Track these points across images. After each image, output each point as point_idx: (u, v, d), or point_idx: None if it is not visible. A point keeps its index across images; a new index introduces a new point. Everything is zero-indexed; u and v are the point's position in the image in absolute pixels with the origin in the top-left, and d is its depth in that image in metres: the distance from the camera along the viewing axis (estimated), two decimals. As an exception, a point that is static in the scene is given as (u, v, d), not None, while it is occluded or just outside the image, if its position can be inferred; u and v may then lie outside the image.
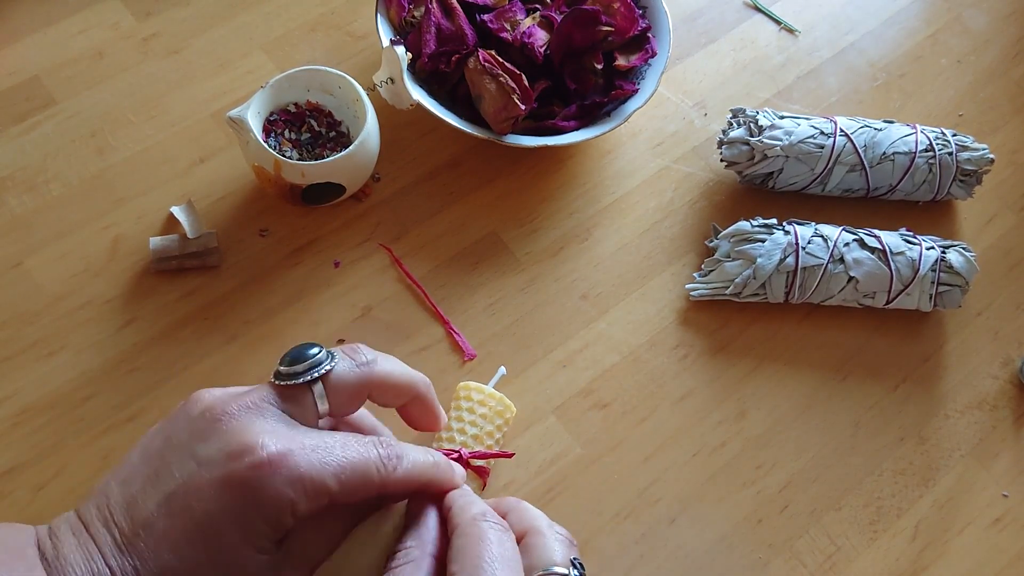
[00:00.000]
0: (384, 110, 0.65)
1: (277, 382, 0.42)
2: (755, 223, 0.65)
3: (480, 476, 0.55)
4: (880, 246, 0.63)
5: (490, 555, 0.39)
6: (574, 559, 0.42)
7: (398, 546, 0.41)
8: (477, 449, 0.53)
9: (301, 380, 0.42)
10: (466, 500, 0.43)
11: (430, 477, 0.43)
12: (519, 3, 0.67)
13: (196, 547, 0.38)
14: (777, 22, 0.79)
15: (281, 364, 0.42)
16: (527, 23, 0.66)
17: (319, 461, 0.39)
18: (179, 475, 0.39)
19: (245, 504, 0.38)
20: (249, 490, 0.38)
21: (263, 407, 0.41)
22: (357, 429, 0.48)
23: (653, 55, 0.68)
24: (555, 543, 0.42)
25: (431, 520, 0.42)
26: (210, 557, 0.38)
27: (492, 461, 0.55)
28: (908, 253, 0.63)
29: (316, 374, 0.42)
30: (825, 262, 0.62)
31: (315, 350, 0.43)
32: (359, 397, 0.44)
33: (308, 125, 0.64)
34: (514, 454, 0.55)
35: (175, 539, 0.38)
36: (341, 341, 0.61)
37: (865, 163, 0.66)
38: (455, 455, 0.51)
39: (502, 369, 0.58)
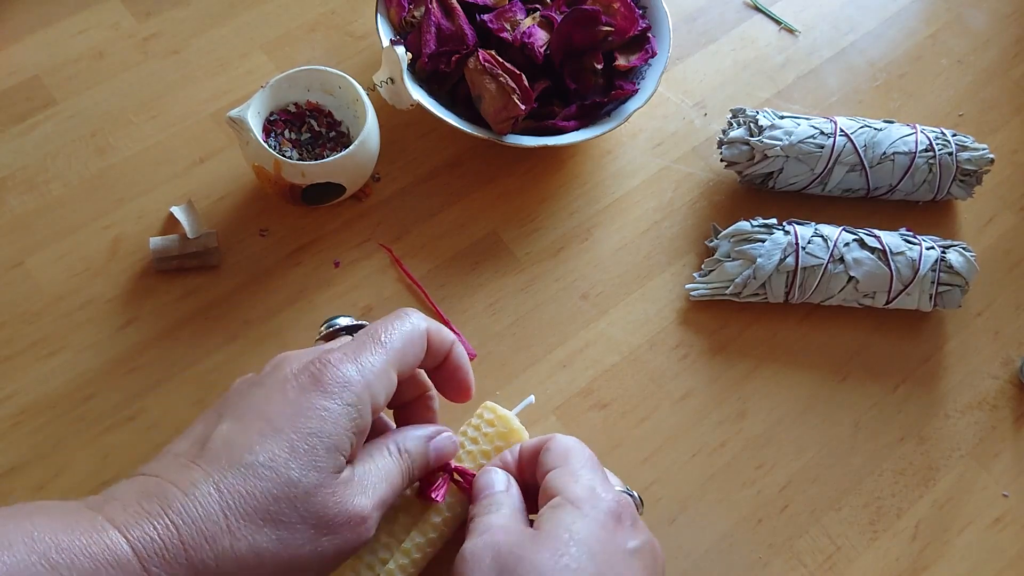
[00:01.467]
0: (384, 110, 0.65)
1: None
2: (755, 223, 0.65)
3: (461, 491, 0.51)
4: (880, 246, 0.63)
5: (583, 455, 0.48)
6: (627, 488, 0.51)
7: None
8: (467, 466, 0.51)
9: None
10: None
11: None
12: (519, 3, 0.67)
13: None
14: (777, 22, 0.79)
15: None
16: (527, 23, 0.66)
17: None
18: None
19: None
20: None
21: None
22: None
23: (653, 55, 0.68)
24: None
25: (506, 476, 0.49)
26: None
27: None
28: (908, 253, 0.63)
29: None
30: (825, 262, 0.62)
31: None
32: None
33: (308, 125, 0.64)
34: None
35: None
36: (341, 341, 0.61)
37: (865, 163, 0.66)
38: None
39: (531, 398, 0.55)
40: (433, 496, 0.49)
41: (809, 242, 0.63)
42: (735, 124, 0.67)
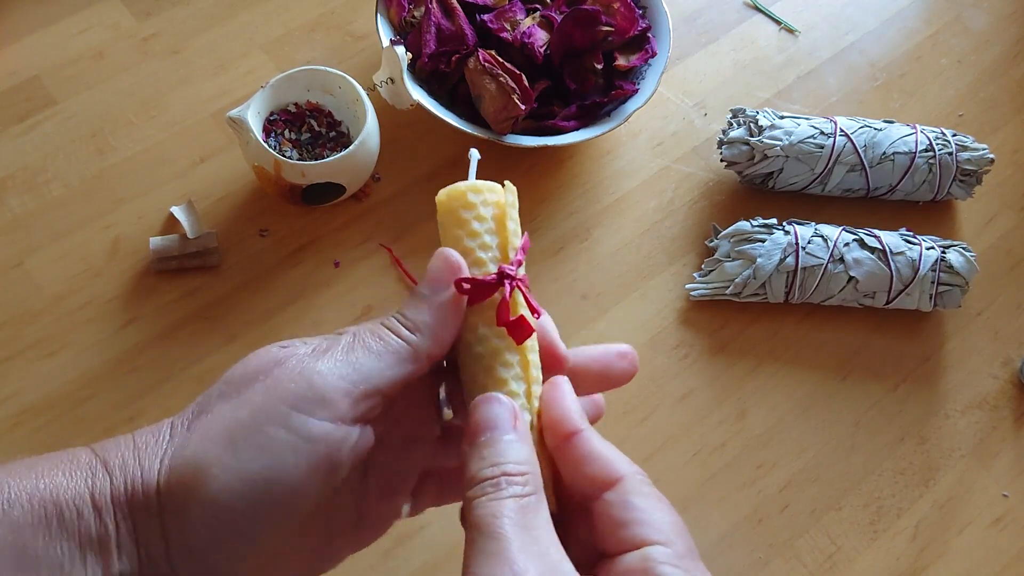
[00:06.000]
0: (384, 110, 0.65)
1: None
2: (755, 223, 0.65)
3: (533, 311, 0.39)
4: (880, 246, 0.63)
5: (683, 527, 0.34)
6: None
7: (505, 454, 0.34)
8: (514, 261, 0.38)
9: None
10: (601, 443, 0.36)
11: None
12: (519, 3, 0.67)
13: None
14: (777, 22, 0.79)
15: None
16: (527, 23, 0.66)
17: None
18: None
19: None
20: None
21: None
22: None
23: (653, 55, 0.68)
24: None
25: (529, 432, 0.36)
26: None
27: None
28: (908, 253, 0.63)
29: None
30: (825, 262, 0.62)
31: None
32: None
33: (308, 125, 0.64)
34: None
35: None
36: (341, 341, 0.61)
37: (865, 163, 0.66)
38: (493, 277, 0.37)
39: (474, 152, 0.42)
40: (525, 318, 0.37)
41: (809, 242, 0.63)
42: (735, 124, 0.67)
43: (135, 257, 0.62)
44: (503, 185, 0.40)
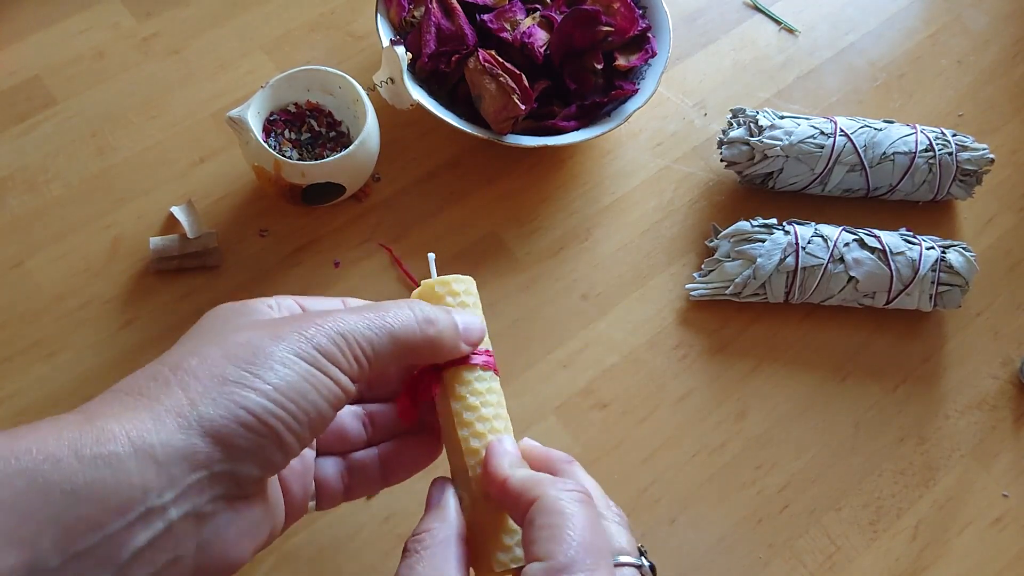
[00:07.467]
0: (384, 110, 0.65)
1: None
2: (755, 223, 0.65)
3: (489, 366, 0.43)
4: (880, 246, 0.63)
5: (582, 540, 0.34)
6: (640, 547, 0.39)
7: (419, 527, 0.38)
8: None
9: None
10: (527, 471, 0.38)
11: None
12: (519, 3, 0.67)
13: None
14: (777, 22, 0.79)
15: None
16: (527, 23, 0.66)
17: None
18: None
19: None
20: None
21: None
22: None
23: (653, 55, 0.68)
24: (616, 526, 0.39)
25: (451, 500, 0.39)
26: None
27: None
28: (908, 253, 0.63)
29: None
30: (825, 262, 0.62)
31: None
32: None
33: (308, 125, 0.64)
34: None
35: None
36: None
37: (865, 163, 0.66)
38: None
39: (431, 256, 0.48)
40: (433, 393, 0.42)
41: (809, 242, 0.63)
42: (735, 124, 0.67)
43: (135, 257, 0.62)
44: (462, 277, 0.45)
